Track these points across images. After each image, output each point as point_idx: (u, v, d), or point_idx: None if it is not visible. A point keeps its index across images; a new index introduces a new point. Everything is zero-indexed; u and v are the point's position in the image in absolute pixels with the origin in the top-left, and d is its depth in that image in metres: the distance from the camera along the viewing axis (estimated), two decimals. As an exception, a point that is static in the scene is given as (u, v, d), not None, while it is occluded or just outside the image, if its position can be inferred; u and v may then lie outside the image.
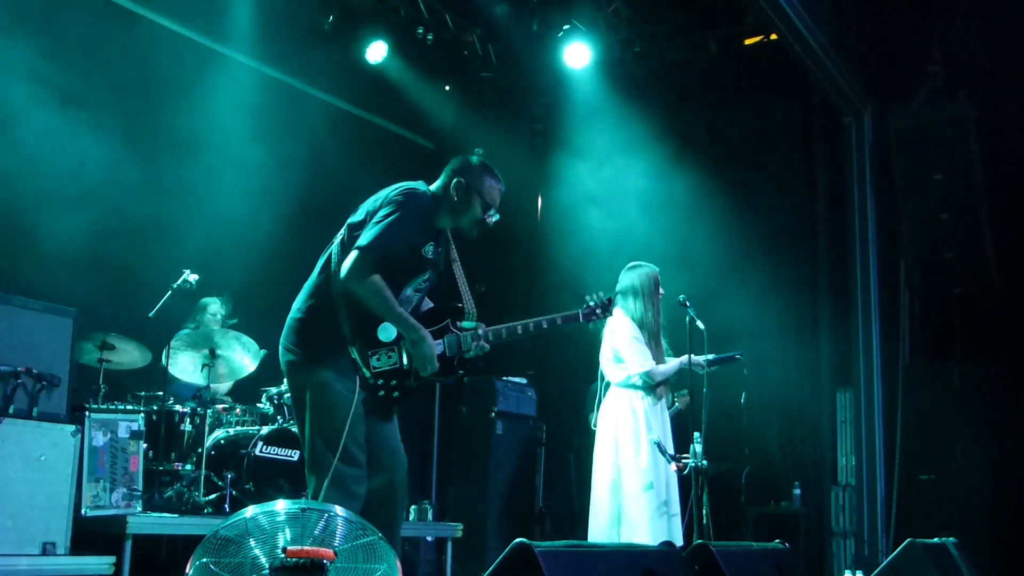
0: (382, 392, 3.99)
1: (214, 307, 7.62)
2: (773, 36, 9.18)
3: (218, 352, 7.08)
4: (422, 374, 4.03)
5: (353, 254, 3.92)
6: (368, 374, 3.96)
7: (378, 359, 3.98)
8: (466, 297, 4.27)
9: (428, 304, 4.38)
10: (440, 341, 4.10)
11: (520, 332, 4.25)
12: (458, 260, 4.40)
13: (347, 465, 3.92)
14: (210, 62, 8.47)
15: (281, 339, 4.15)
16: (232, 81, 8.35)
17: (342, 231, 4.22)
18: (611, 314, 4.52)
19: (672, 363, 5.81)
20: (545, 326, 4.34)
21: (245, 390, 7.79)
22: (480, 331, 4.17)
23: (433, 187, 4.29)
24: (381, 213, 3.99)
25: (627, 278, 5.91)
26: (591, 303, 4.49)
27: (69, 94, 7.12)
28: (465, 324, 4.17)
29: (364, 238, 3.92)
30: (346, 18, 9.53)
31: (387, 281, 3.96)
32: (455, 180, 4.21)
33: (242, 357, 7.24)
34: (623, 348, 5.78)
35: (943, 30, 8.99)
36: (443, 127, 11.37)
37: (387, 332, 3.99)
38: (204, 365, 7.07)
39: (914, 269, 9.12)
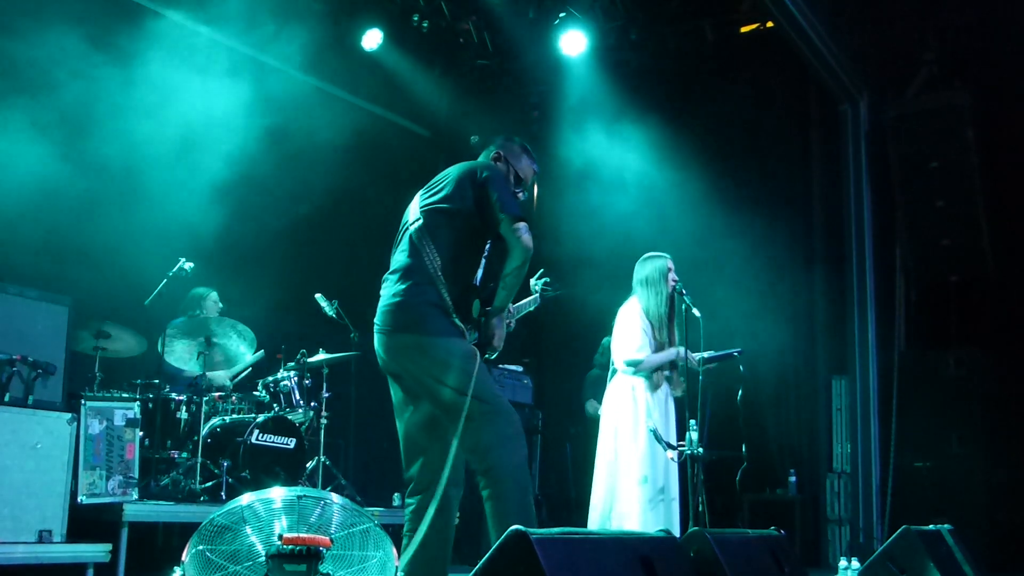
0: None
1: (214, 296, 7.61)
2: (769, 24, 9.16)
3: (214, 340, 7.08)
4: (490, 356, 4.20)
5: (518, 225, 4.08)
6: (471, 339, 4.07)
7: (470, 331, 4.10)
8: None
9: None
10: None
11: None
12: None
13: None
14: (203, 49, 8.42)
15: (386, 326, 4.09)
16: (226, 68, 8.31)
17: (416, 214, 4.29)
18: (555, 290, 4.81)
19: (664, 353, 5.85)
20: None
21: (239, 377, 7.80)
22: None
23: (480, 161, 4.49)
24: (493, 187, 4.18)
25: (639, 270, 6.03)
26: (536, 289, 4.79)
27: (60, 79, 7.08)
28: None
29: (511, 207, 4.10)
30: (341, 5, 9.49)
31: (480, 250, 4.19)
32: (496, 154, 4.52)
33: (238, 345, 7.24)
34: (623, 335, 5.86)
35: (939, 17, 8.98)
36: (439, 115, 11.34)
37: (476, 308, 4.14)
38: (200, 353, 7.07)
39: (910, 256, 9.13)
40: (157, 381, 6.88)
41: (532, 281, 4.90)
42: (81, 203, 7.05)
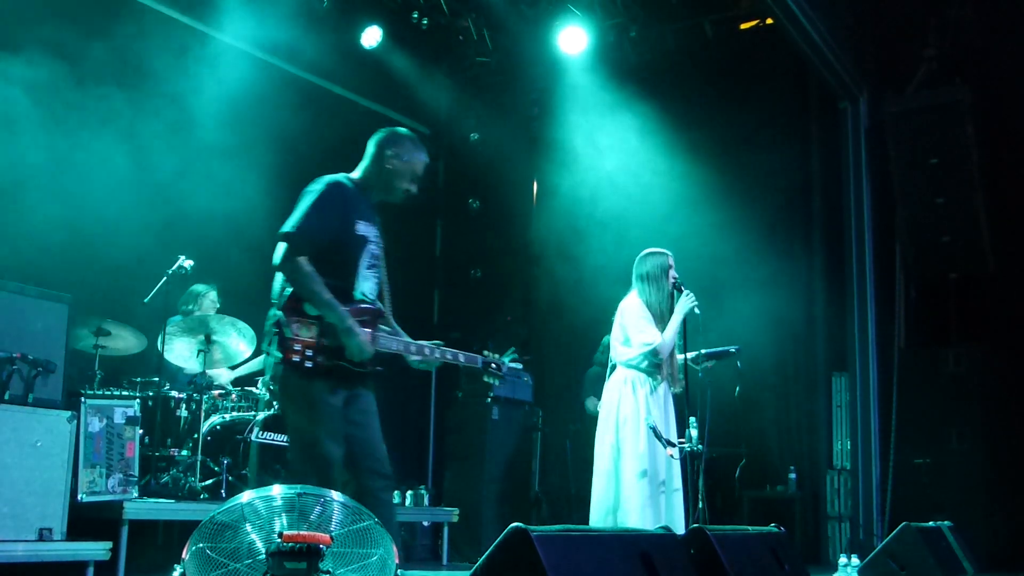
0: (296, 358, 3.99)
1: (213, 294, 7.61)
2: (769, 21, 9.16)
3: (213, 338, 7.07)
4: (355, 359, 4.05)
5: (279, 244, 4.09)
6: (289, 334, 4.02)
7: (299, 326, 4.03)
8: (388, 303, 4.39)
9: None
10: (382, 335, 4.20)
11: (412, 351, 4.36)
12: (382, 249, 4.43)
13: None
14: (202, 46, 8.42)
15: None
16: (225, 65, 8.31)
17: None
18: (502, 378, 4.62)
19: (672, 325, 5.84)
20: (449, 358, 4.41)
21: (239, 375, 7.79)
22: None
23: (360, 166, 4.43)
24: (299, 203, 4.16)
25: (639, 265, 6.04)
26: (490, 360, 4.54)
27: (58, 80, 7.08)
28: (383, 328, 4.26)
29: (285, 225, 4.10)
30: (341, 3, 9.49)
31: (339, 269, 4.11)
32: (388, 150, 4.38)
33: (238, 343, 7.23)
34: (631, 327, 5.87)
35: (939, 14, 8.98)
36: (438, 112, 11.34)
37: (313, 307, 4.06)
38: (199, 351, 7.06)
39: (909, 253, 9.13)
40: (157, 379, 6.87)
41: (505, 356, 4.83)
42: (81, 201, 7.04)
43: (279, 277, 4.16)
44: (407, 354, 4.34)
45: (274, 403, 7.23)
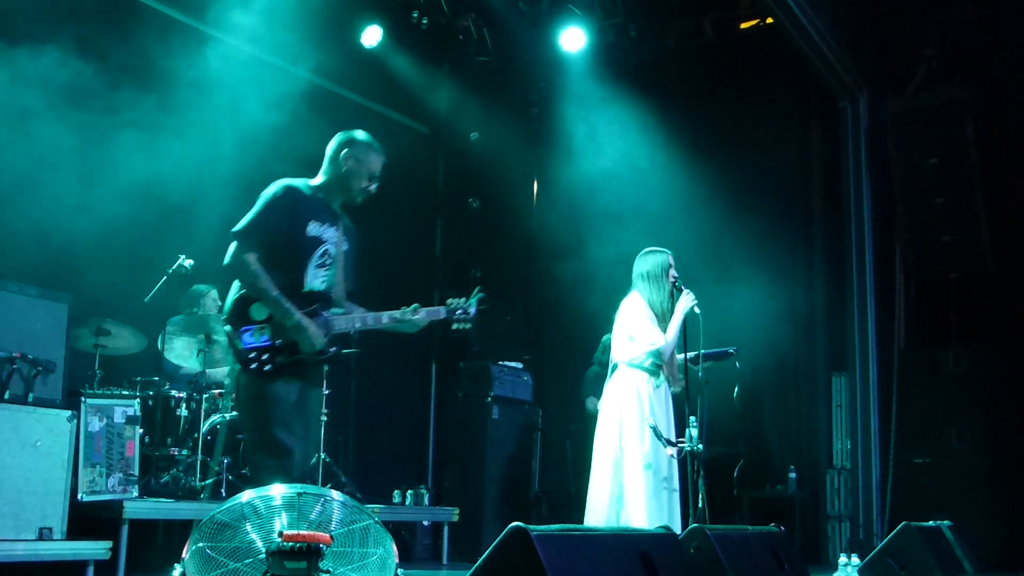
0: (254, 365, 4.15)
1: (214, 294, 7.60)
2: (769, 20, 9.16)
3: (214, 337, 7.07)
4: (304, 349, 4.20)
5: (232, 243, 4.29)
6: (242, 345, 4.18)
7: (251, 335, 4.18)
8: (340, 288, 4.55)
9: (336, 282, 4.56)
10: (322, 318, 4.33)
11: (370, 324, 4.54)
12: (344, 250, 4.63)
13: None
14: (202, 44, 8.41)
15: None
16: (225, 64, 8.31)
17: None
18: (470, 323, 4.88)
19: (672, 327, 5.84)
20: (393, 322, 4.58)
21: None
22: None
23: (321, 171, 4.63)
24: (254, 205, 4.36)
25: (640, 264, 6.05)
26: (455, 307, 4.90)
27: (59, 80, 7.08)
28: (335, 311, 4.41)
29: (237, 226, 4.30)
30: (341, 2, 9.49)
31: (288, 268, 4.28)
32: (344, 152, 4.56)
33: (238, 342, 7.22)
34: (635, 328, 5.87)
35: (939, 14, 8.97)
36: (438, 112, 11.34)
37: (260, 311, 4.22)
38: (200, 350, 7.06)
39: (909, 253, 9.13)
40: (157, 378, 6.87)
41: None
42: (81, 200, 7.04)
43: (232, 288, 4.33)
44: (373, 326, 4.55)
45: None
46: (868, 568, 6.07)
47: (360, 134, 4.66)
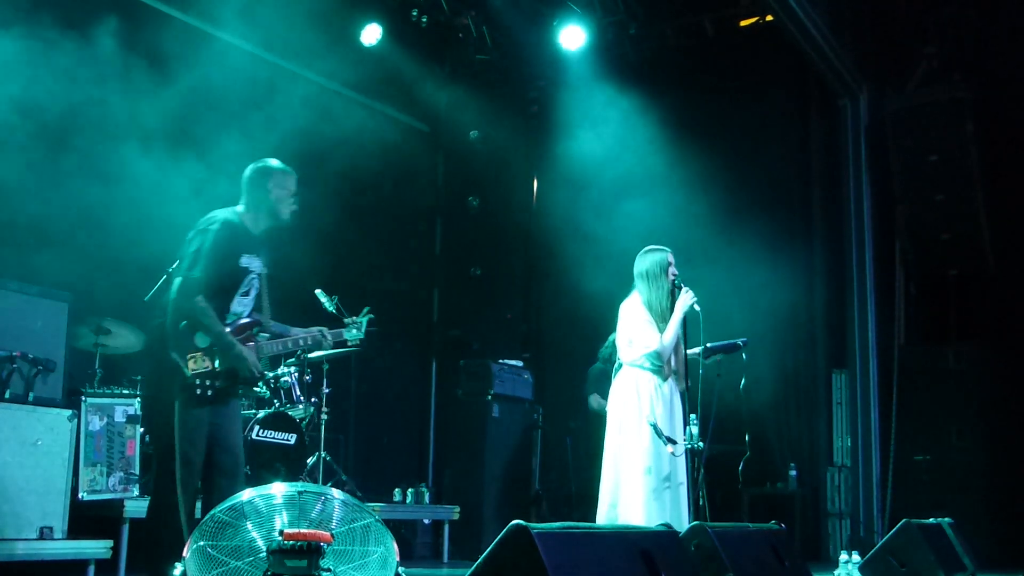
0: (199, 391, 4.47)
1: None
2: (769, 18, 9.15)
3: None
4: (243, 374, 4.60)
5: (178, 280, 4.61)
6: (189, 374, 4.49)
7: (194, 362, 4.51)
8: (267, 311, 4.90)
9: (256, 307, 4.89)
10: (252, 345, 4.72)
11: (291, 347, 5.00)
12: (266, 275, 4.93)
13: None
14: (200, 42, 8.40)
15: None
16: (224, 62, 8.29)
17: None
18: (360, 346, 5.37)
19: (671, 327, 5.82)
20: (310, 342, 5.03)
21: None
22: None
23: (241, 202, 4.88)
24: (196, 243, 4.66)
25: (639, 263, 6.02)
26: (352, 325, 5.23)
27: (60, 77, 7.07)
28: (262, 336, 4.81)
29: (185, 266, 4.61)
30: (341, 0, 9.48)
31: (219, 296, 4.61)
32: (268, 183, 4.86)
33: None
34: (633, 330, 5.86)
35: (939, 12, 8.97)
36: (438, 110, 11.34)
37: (204, 339, 4.56)
38: (200, 349, 7.05)
39: (909, 251, 9.14)
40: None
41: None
42: (82, 199, 7.03)
43: (173, 313, 4.59)
44: (293, 348, 5.05)
45: (275, 402, 7.24)
46: (868, 565, 6.07)
47: (274, 162, 4.97)
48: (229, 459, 4.64)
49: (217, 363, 4.52)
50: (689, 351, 5.94)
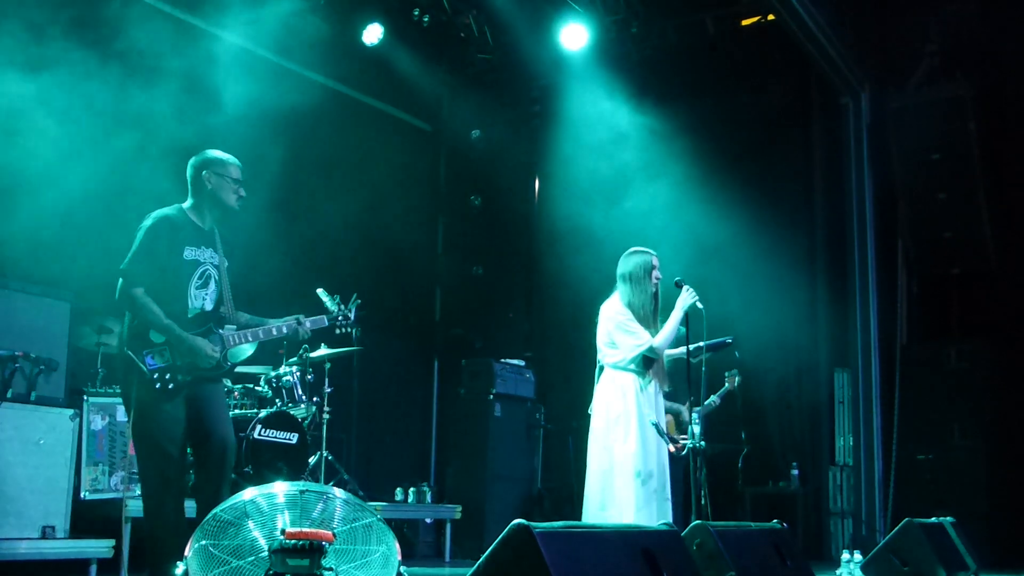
0: (158, 384, 4.46)
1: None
2: (770, 16, 9.14)
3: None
4: (203, 365, 4.57)
5: (119, 280, 4.55)
6: (146, 369, 4.47)
7: (152, 357, 4.50)
8: (228, 303, 4.85)
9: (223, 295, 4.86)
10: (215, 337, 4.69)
11: (262, 336, 4.93)
12: (226, 267, 4.90)
13: None
14: (201, 42, 8.40)
15: None
16: (225, 62, 8.29)
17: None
18: (352, 327, 5.32)
19: (670, 324, 5.77)
20: (285, 331, 4.96)
21: (241, 372, 7.79)
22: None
23: (188, 197, 4.86)
24: (134, 241, 4.63)
25: (622, 264, 5.94)
26: (336, 315, 5.28)
27: (61, 76, 7.07)
28: (228, 327, 4.78)
29: (123, 263, 4.56)
30: (342, 0, 9.48)
31: (170, 291, 4.57)
32: (203, 173, 4.80)
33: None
34: (616, 331, 5.77)
35: (941, 9, 8.96)
36: (439, 109, 11.34)
37: (158, 335, 4.52)
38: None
39: (911, 249, 9.13)
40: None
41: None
42: (83, 198, 7.04)
43: (126, 317, 4.59)
44: (264, 338, 4.94)
45: (277, 401, 7.24)
46: (871, 564, 6.06)
47: (211, 152, 4.89)
48: (216, 444, 4.59)
49: (176, 357, 4.51)
50: (673, 351, 5.90)
